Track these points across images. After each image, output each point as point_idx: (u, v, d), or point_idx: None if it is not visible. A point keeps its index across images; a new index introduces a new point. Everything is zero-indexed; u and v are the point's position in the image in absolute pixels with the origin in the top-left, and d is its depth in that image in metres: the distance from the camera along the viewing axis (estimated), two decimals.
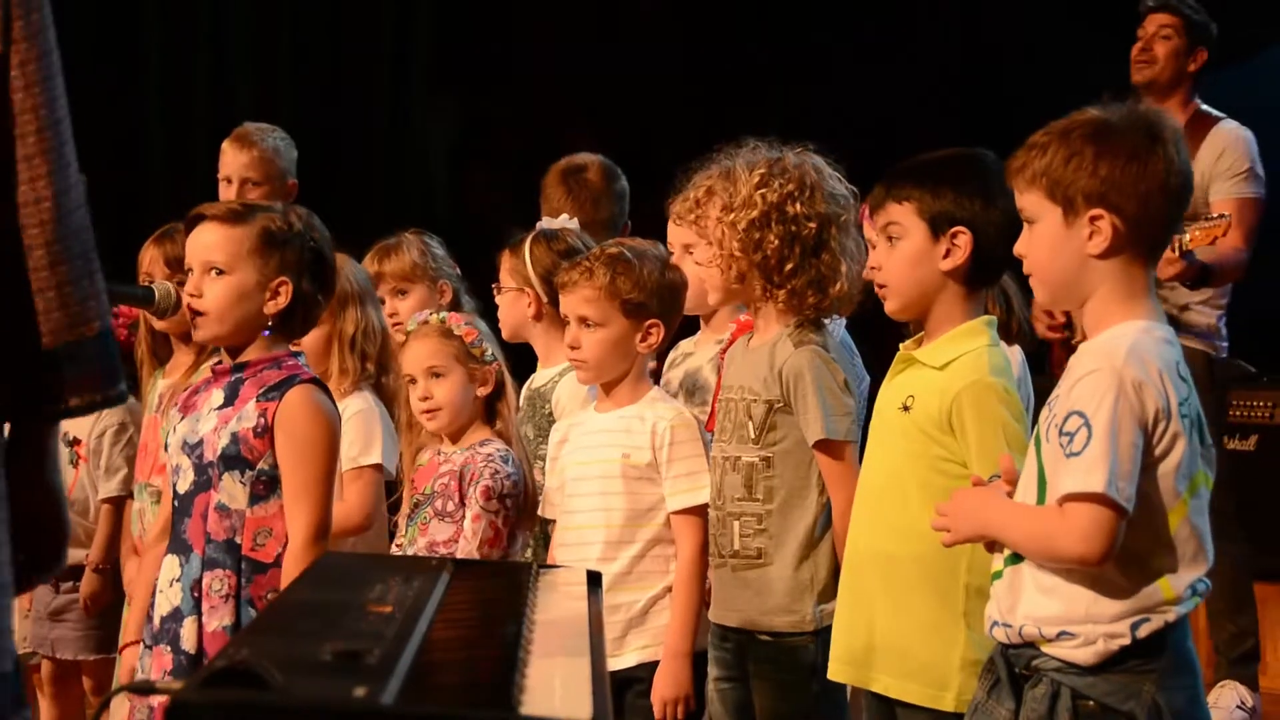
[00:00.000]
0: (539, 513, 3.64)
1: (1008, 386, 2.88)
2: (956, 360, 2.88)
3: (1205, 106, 5.15)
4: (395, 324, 4.11)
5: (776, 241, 3.22)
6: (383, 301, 4.23)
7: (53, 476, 1.97)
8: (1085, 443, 2.30)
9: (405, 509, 3.66)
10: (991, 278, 3.03)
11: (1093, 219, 2.40)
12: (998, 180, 2.91)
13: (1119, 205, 2.39)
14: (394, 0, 7.63)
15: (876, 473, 2.97)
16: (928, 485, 2.84)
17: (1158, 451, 2.34)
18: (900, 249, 2.93)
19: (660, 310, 3.49)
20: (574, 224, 4.06)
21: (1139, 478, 2.32)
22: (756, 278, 3.24)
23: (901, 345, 2.99)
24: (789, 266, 3.22)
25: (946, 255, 2.90)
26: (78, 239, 1.93)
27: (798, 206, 3.23)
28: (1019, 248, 2.53)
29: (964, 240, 2.89)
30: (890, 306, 2.99)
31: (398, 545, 3.65)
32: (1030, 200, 2.47)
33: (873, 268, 3.00)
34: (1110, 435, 2.29)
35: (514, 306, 3.97)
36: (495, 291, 4.04)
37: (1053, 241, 2.45)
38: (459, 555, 3.47)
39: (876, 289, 3.01)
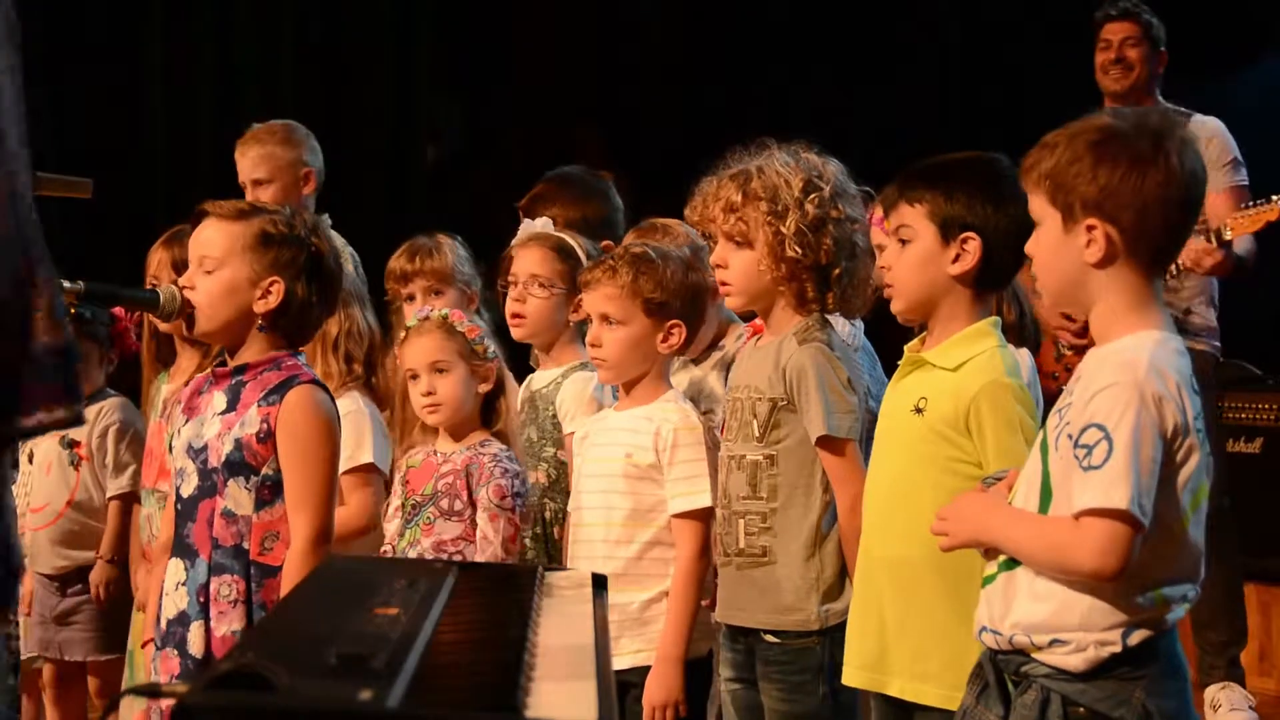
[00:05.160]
0: (567, 506, 3.65)
1: (1023, 385, 2.88)
2: (970, 361, 2.87)
3: (1169, 104, 5.23)
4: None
5: (830, 243, 3.22)
6: (411, 298, 4.23)
7: None
8: (1106, 457, 2.27)
9: (396, 508, 3.67)
10: (1000, 281, 3.03)
11: (1089, 228, 2.37)
12: (1010, 185, 2.90)
13: (1114, 215, 2.36)
14: (397, 2, 7.64)
15: (885, 476, 2.96)
16: (941, 487, 2.83)
17: (1174, 466, 2.32)
18: (910, 251, 2.93)
19: (682, 311, 3.50)
20: (549, 225, 4.10)
21: (1155, 493, 2.30)
22: (810, 279, 3.23)
23: (906, 347, 2.99)
24: (837, 271, 3.23)
25: (956, 259, 2.90)
26: None
27: (843, 210, 3.24)
28: (1029, 247, 2.51)
29: (973, 245, 2.89)
30: (896, 307, 2.99)
31: (390, 546, 3.64)
32: (1036, 202, 2.46)
33: (882, 268, 3.00)
34: (1132, 450, 2.27)
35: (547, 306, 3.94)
36: (501, 290, 4.04)
37: (1053, 246, 2.43)
38: (484, 556, 3.50)
39: (884, 289, 3.02)
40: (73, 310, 3.05)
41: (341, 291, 3.36)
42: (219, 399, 3.10)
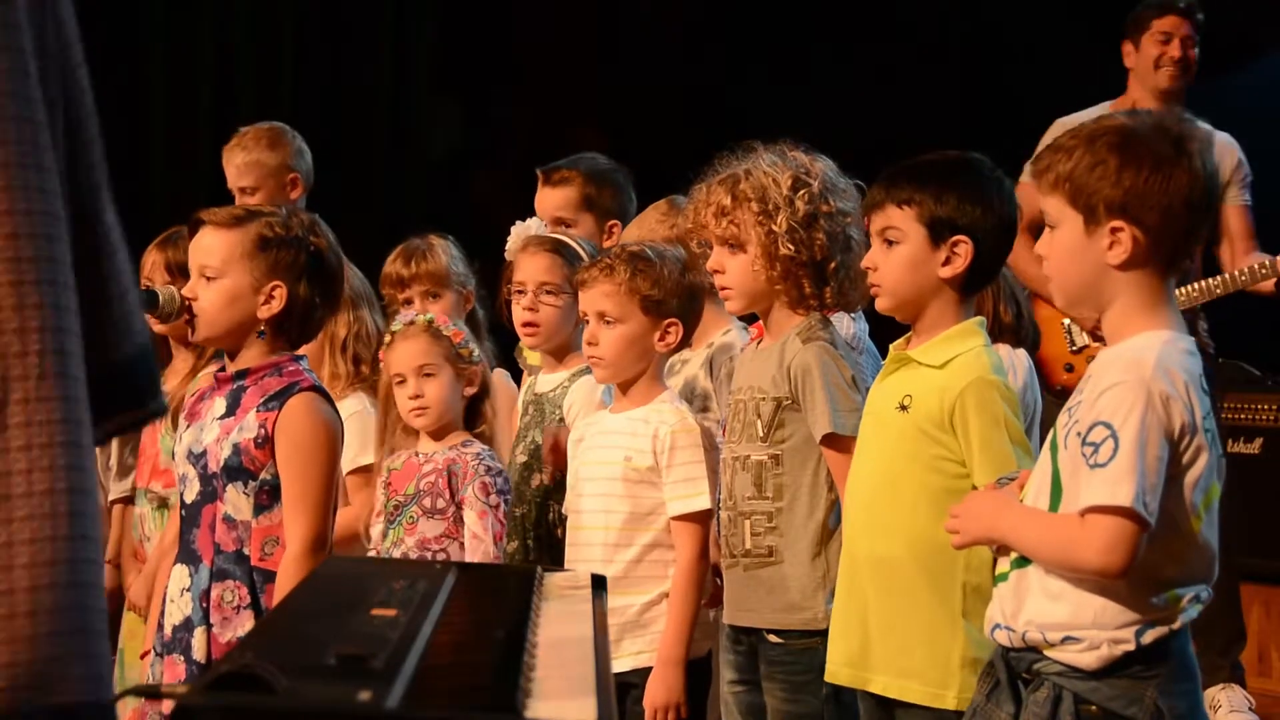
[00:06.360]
0: (563, 509, 3.66)
1: (1008, 384, 2.90)
2: (955, 359, 2.88)
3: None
4: None
5: (823, 238, 3.22)
6: (410, 303, 4.22)
7: None
8: (1112, 454, 2.28)
9: (379, 512, 3.66)
10: (985, 282, 3.05)
11: (1113, 229, 2.38)
12: (993, 185, 2.92)
13: (1140, 217, 2.37)
14: (396, 2, 7.64)
15: (870, 474, 2.97)
16: (925, 485, 2.85)
17: (1181, 465, 2.33)
18: (898, 253, 2.93)
19: (679, 309, 3.49)
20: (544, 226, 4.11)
21: (1161, 491, 2.31)
22: (806, 276, 3.24)
23: (892, 346, 3.00)
24: (832, 265, 3.24)
25: (946, 263, 2.90)
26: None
27: (834, 204, 3.24)
28: (1039, 248, 2.51)
29: (964, 249, 2.89)
30: (882, 304, 2.99)
31: (374, 549, 3.64)
32: (1052, 205, 2.46)
33: (868, 267, 3.00)
34: (1138, 448, 2.28)
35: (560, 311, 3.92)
36: (506, 296, 4.02)
37: (1072, 248, 2.43)
38: (476, 555, 3.52)
39: (870, 286, 3.02)
40: None
41: (345, 287, 3.36)
42: (219, 404, 3.10)
